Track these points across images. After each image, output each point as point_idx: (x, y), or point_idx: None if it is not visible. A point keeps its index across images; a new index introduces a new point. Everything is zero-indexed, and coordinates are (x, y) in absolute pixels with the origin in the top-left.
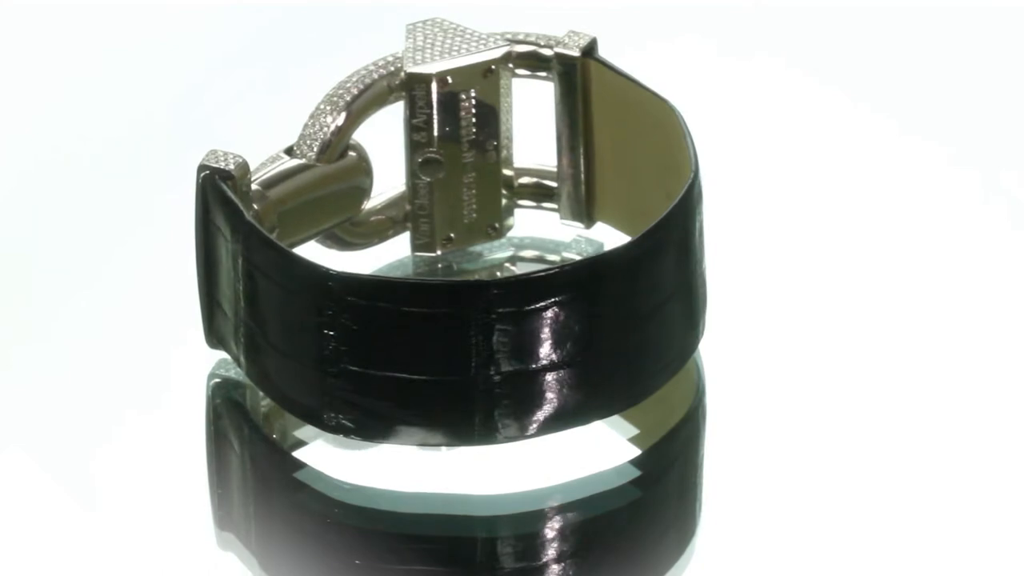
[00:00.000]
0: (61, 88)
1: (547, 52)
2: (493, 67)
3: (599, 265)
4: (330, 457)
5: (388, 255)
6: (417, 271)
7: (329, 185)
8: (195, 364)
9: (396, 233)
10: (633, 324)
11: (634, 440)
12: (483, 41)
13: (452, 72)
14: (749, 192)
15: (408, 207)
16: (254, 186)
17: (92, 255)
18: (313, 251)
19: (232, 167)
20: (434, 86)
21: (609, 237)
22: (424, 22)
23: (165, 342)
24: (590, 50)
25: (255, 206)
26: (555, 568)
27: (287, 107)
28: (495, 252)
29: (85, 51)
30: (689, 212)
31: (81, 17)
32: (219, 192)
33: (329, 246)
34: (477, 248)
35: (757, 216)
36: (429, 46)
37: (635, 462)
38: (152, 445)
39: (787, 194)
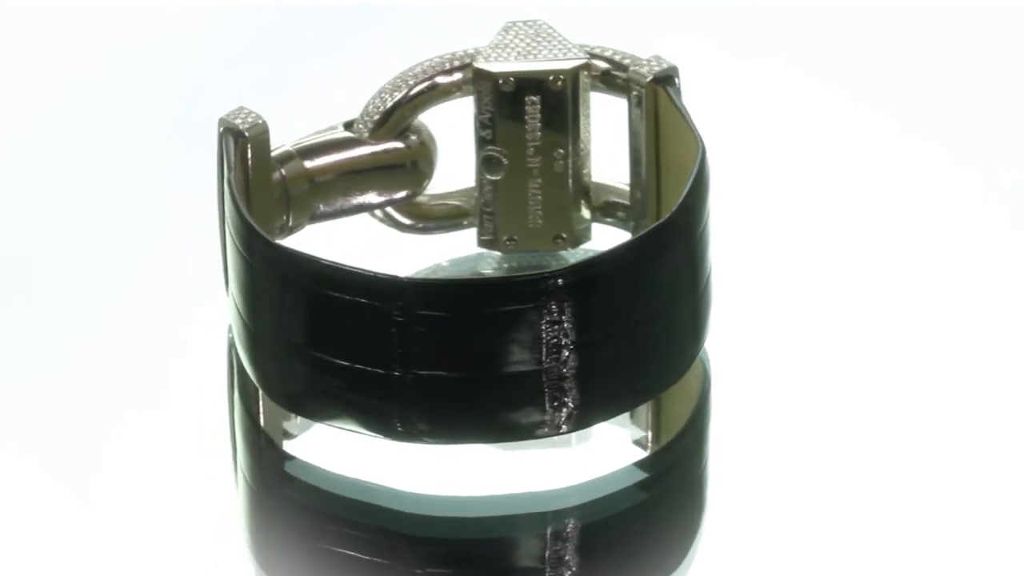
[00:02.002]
0: (61, 88)
1: (621, 72)
2: (562, 77)
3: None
4: (324, 450)
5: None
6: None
7: (379, 163)
8: (195, 364)
9: (471, 224)
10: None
11: (639, 442)
12: (564, 50)
13: (517, 75)
14: (749, 191)
15: (475, 202)
16: (288, 150)
17: (92, 255)
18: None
19: (245, 126)
20: (497, 85)
21: None
22: (524, 22)
23: (165, 342)
24: (663, 78)
25: (282, 171)
26: (559, 570)
27: (287, 107)
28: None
29: (86, 51)
30: (694, 213)
31: (81, 17)
32: (224, 149)
33: (389, 226)
34: (542, 253)
35: (756, 216)
36: (511, 46)
37: (640, 463)
38: (152, 445)
39: (787, 194)
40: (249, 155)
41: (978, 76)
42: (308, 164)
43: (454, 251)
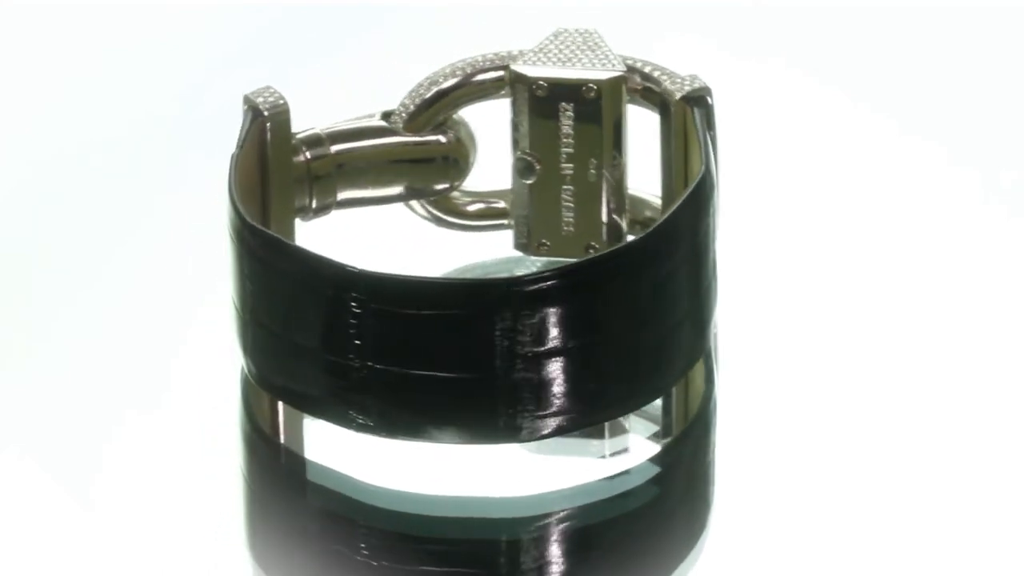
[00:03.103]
0: (62, 88)
1: (655, 88)
2: (595, 87)
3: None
4: (336, 454)
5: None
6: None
7: (411, 155)
8: (196, 364)
9: (511, 226)
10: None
11: (644, 442)
12: (605, 61)
13: (550, 81)
14: (748, 191)
15: (510, 204)
16: (316, 133)
17: (92, 255)
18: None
19: (266, 105)
20: (531, 89)
21: None
22: (575, 30)
23: (165, 342)
24: (693, 98)
25: (306, 153)
26: (567, 570)
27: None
28: None
29: (86, 51)
30: (698, 214)
31: (81, 17)
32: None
33: (427, 220)
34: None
35: (756, 215)
36: (554, 51)
37: (644, 464)
38: (152, 445)
39: (786, 194)
40: (268, 134)
41: (978, 76)
42: (336, 149)
43: (504, 252)
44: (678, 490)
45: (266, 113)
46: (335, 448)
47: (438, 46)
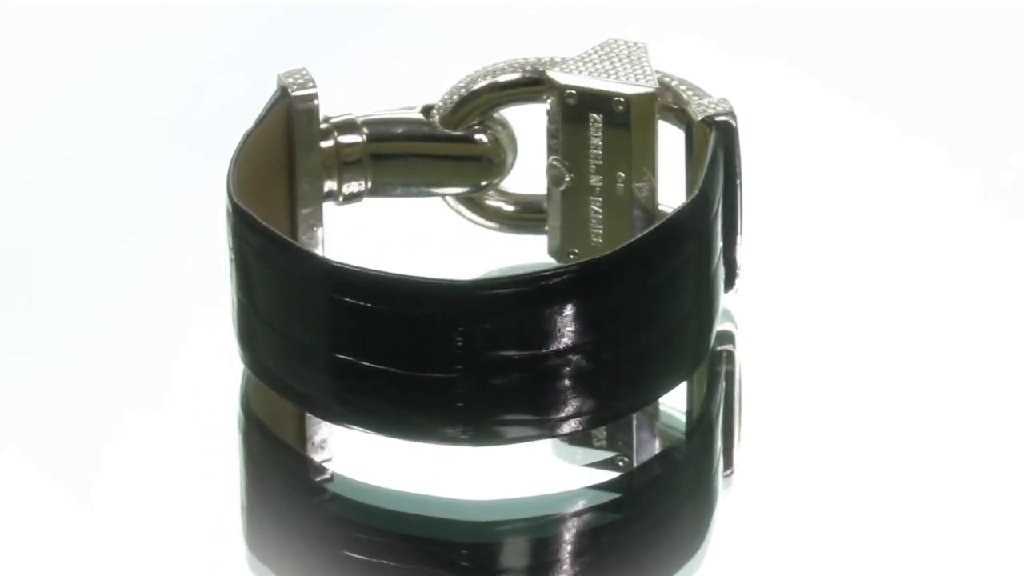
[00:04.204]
0: (62, 88)
1: (678, 107)
2: (623, 100)
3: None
4: (338, 455)
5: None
6: None
7: (445, 152)
8: (196, 364)
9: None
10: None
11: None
12: (641, 76)
13: (580, 90)
14: (747, 191)
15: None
16: (350, 119)
17: (92, 255)
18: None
19: (294, 87)
20: (563, 97)
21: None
22: (624, 41)
23: (166, 342)
24: (712, 120)
25: (337, 137)
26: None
27: None
28: None
29: (86, 51)
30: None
31: (81, 17)
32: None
33: (462, 218)
34: None
35: (755, 215)
36: (595, 61)
37: (647, 465)
38: (152, 445)
39: (786, 194)
40: (294, 115)
41: (978, 76)
42: (368, 136)
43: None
44: (680, 494)
45: (293, 93)
46: (337, 448)
47: (438, 47)
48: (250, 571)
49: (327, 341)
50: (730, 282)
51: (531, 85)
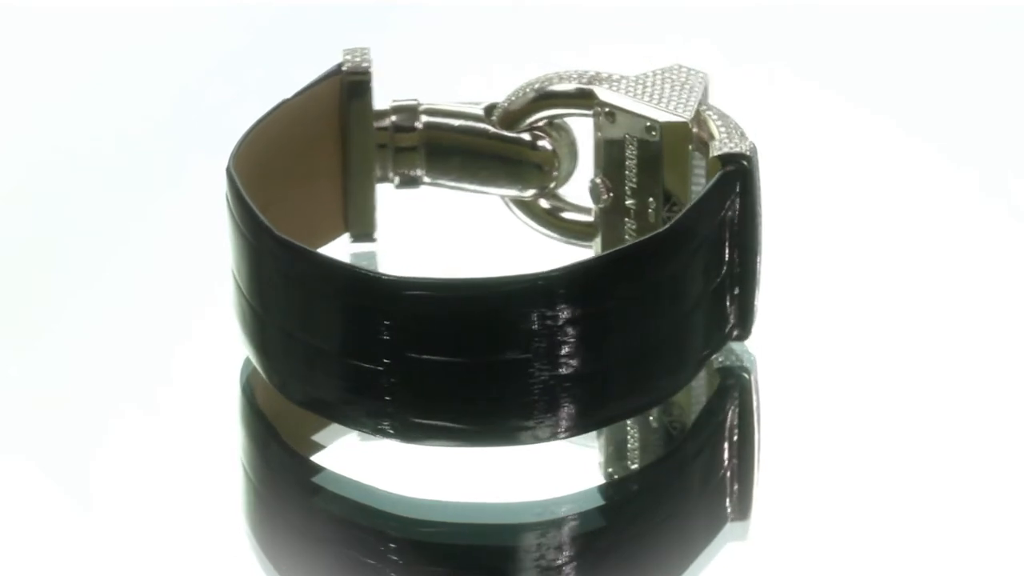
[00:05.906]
0: (62, 88)
1: (704, 138)
2: (653, 127)
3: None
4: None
5: None
6: None
7: (498, 152)
8: (196, 363)
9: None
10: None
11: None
12: (681, 105)
13: (616, 109)
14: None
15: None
16: (410, 104)
17: (93, 255)
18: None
19: (348, 66)
20: (604, 115)
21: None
22: (688, 69)
23: (166, 341)
24: (735, 160)
25: (393, 120)
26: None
27: None
28: None
29: (86, 51)
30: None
31: (81, 17)
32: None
33: (518, 220)
34: None
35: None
36: (646, 83)
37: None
38: (153, 444)
39: (786, 194)
40: (343, 92)
41: (978, 76)
42: (425, 125)
43: None
44: (691, 493)
45: (344, 68)
46: (339, 449)
47: (440, 48)
48: (250, 571)
49: (342, 343)
50: (744, 326)
51: (583, 97)
